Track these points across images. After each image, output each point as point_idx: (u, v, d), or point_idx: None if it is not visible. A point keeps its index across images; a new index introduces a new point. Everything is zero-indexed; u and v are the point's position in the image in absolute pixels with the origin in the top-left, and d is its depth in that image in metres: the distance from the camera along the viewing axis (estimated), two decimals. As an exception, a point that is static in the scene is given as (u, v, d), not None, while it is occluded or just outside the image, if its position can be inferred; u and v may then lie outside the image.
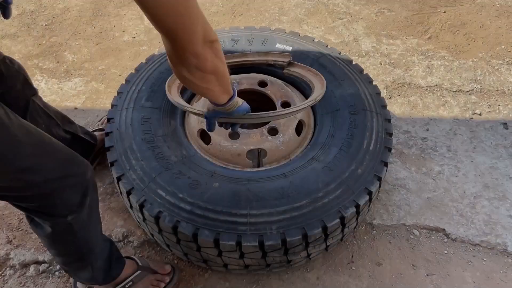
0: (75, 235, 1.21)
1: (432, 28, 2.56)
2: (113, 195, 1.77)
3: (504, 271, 1.58)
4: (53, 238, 1.21)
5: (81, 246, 1.26)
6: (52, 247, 1.26)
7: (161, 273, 1.51)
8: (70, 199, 1.15)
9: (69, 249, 1.26)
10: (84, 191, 1.17)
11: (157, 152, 1.44)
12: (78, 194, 1.16)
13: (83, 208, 1.18)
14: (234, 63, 1.73)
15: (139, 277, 1.46)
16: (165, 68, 1.68)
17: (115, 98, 1.62)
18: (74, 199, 1.15)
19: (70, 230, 1.18)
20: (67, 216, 1.15)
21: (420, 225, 1.70)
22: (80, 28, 2.58)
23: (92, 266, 1.32)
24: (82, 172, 1.17)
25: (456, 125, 2.05)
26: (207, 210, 1.32)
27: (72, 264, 1.32)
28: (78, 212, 1.17)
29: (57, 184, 1.09)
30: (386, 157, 1.48)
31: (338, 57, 1.77)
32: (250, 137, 1.52)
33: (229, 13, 2.69)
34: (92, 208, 1.24)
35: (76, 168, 1.16)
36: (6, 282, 1.55)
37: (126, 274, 1.44)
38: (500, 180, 1.83)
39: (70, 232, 1.19)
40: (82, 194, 1.17)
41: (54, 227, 1.16)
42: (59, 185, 1.10)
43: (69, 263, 1.32)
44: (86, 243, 1.27)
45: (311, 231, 1.30)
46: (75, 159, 1.17)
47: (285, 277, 1.57)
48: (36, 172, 1.05)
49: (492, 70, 2.30)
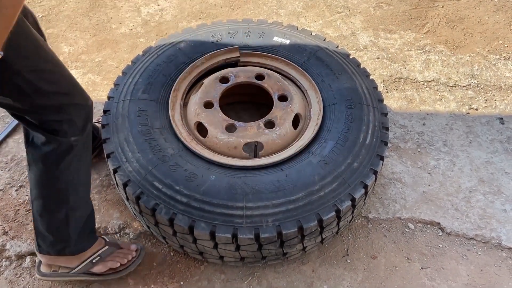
0: (69, 164, 1.27)
1: (430, 22, 2.55)
2: (109, 187, 1.77)
3: (498, 265, 1.59)
4: (45, 167, 1.25)
5: (67, 186, 1.30)
6: (39, 183, 1.29)
7: (126, 250, 1.55)
8: (75, 120, 1.23)
9: (54, 188, 1.30)
10: (86, 116, 1.26)
11: (153, 145, 1.44)
12: (82, 117, 1.25)
13: (84, 132, 1.27)
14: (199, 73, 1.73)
15: (106, 252, 1.49)
16: (162, 61, 1.68)
17: (112, 90, 1.61)
18: (78, 122, 1.24)
19: (69, 153, 1.25)
20: (71, 137, 1.23)
21: (415, 219, 1.71)
22: (77, 20, 2.56)
23: (68, 220, 1.35)
24: (85, 98, 1.26)
25: (452, 119, 2.05)
26: (203, 203, 1.32)
27: (49, 215, 1.34)
28: (80, 135, 1.26)
29: (66, 100, 1.18)
30: (382, 151, 1.49)
31: (336, 51, 1.77)
32: (246, 130, 1.52)
33: (227, 6, 2.68)
34: (89, 138, 1.33)
35: (82, 92, 1.26)
36: (2, 273, 1.55)
37: (94, 249, 1.48)
38: (495, 174, 1.84)
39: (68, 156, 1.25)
40: (85, 118, 1.26)
41: (56, 147, 1.22)
42: (67, 101, 1.19)
43: (47, 211, 1.33)
44: (72, 184, 1.32)
45: (306, 224, 1.31)
46: (79, 85, 1.27)
47: (280, 269, 1.58)
48: (50, 80, 1.14)
49: (489, 65, 2.30)
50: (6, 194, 1.75)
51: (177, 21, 2.57)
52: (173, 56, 1.69)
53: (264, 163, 1.44)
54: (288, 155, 1.46)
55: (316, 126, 1.54)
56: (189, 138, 1.51)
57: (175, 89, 1.60)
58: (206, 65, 1.72)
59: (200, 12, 2.64)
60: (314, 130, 1.53)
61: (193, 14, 2.62)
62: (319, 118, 1.57)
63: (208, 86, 1.63)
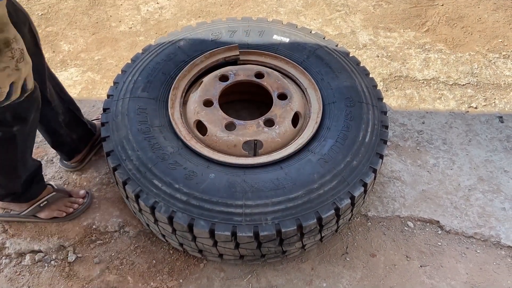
0: (16, 146, 1.34)
1: (430, 21, 2.55)
2: (109, 185, 1.77)
3: (497, 263, 1.59)
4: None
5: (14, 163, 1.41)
6: None
7: (75, 197, 1.65)
8: (19, 111, 1.25)
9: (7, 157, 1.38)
10: (31, 106, 1.28)
11: (153, 143, 1.44)
12: (25, 108, 1.27)
13: (28, 122, 1.31)
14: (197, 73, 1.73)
15: (53, 198, 1.62)
16: (161, 59, 1.68)
17: (111, 88, 1.61)
18: (23, 113, 1.27)
19: (13, 140, 1.31)
20: (13, 127, 1.27)
21: (415, 217, 1.71)
22: (77, 18, 2.56)
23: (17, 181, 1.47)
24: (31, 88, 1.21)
25: (452, 118, 2.05)
26: (202, 201, 1.32)
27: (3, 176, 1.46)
28: (23, 126, 1.30)
29: None
30: (381, 149, 1.49)
31: (335, 49, 1.77)
32: (246, 128, 1.52)
33: (226, 4, 2.68)
34: (34, 125, 1.37)
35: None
36: (1, 271, 1.55)
37: (42, 195, 1.60)
38: (494, 173, 1.85)
39: (13, 142, 1.32)
40: (29, 109, 1.28)
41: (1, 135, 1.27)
42: None
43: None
44: (20, 160, 1.40)
45: (306, 222, 1.31)
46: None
47: (280, 267, 1.58)
48: None
49: (488, 63, 2.30)
50: (6, 192, 1.75)
51: (176, 19, 2.57)
52: (173, 54, 1.69)
53: (263, 161, 1.44)
54: (287, 153, 1.46)
55: (315, 125, 1.54)
56: (189, 136, 1.51)
57: (175, 88, 1.60)
58: (206, 63, 1.71)
59: (200, 10, 2.63)
60: (314, 128, 1.53)
61: (193, 12, 2.62)
62: (318, 116, 1.57)
63: (208, 84, 1.63)
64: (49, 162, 1.85)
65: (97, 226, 1.65)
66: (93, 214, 1.68)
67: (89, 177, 1.80)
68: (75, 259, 1.58)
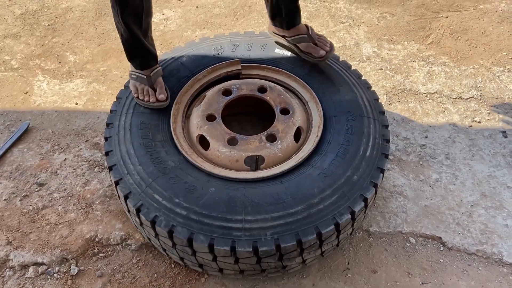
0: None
1: (434, 33, 2.55)
2: (112, 198, 1.79)
3: (499, 281, 1.58)
4: None
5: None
6: None
7: None
8: None
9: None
10: None
11: (154, 157, 1.46)
12: None
13: None
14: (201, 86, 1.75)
15: None
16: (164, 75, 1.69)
17: (114, 103, 1.64)
18: None
19: None
20: None
21: (417, 233, 1.70)
22: (83, 29, 2.60)
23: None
24: None
25: (455, 132, 2.05)
26: (202, 215, 1.33)
27: None
28: None
29: None
30: (382, 163, 1.49)
31: (337, 62, 1.78)
32: (248, 143, 1.53)
33: (231, 15, 2.70)
34: None
35: None
36: (5, 283, 1.57)
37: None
38: (497, 189, 1.83)
39: None
40: None
41: None
42: None
43: None
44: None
45: (305, 238, 1.31)
46: None
47: (281, 282, 1.58)
48: None
49: (492, 77, 2.30)
50: (11, 204, 1.77)
51: (181, 31, 2.59)
52: (175, 70, 1.71)
53: (263, 176, 1.44)
54: (287, 167, 1.46)
55: (316, 138, 1.54)
56: (190, 151, 1.52)
57: (177, 102, 1.62)
58: (208, 78, 1.73)
59: (205, 22, 2.66)
60: (314, 142, 1.53)
61: (198, 24, 2.64)
62: (319, 130, 1.57)
63: (211, 99, 1.65)
64: (53, 174, 1.87)
65: (99, 239, 1.66)
66: (96, 226, 1.70)
67: (92, 189, 1.81)
68: (78, 272, 1.59)
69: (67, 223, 1.71)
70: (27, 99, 2.20)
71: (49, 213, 1.74)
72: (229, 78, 1.76)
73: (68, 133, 2.03)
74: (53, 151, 1.96)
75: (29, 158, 1.93)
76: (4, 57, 2.41)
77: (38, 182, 1.84)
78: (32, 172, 1.87)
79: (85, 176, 1.86)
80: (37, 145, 1.98)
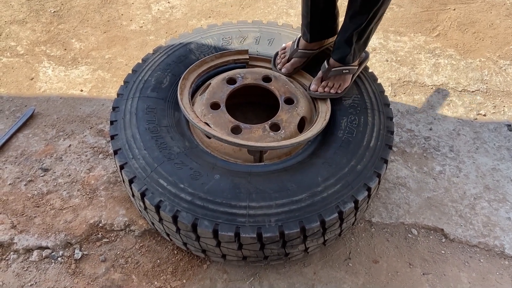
0: None
1: (441, 25, 2.54)
2: (116, 184, 1.79)
3: (500, 273, 1.59)
4: None
5: None
6: None
7: None
8: None
9: None
10: None
11: (160, 142, 1.46)
12: None
13: None
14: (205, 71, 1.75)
15: None
16: (172, 60, 1.70)
17: (121, 87, 1.63)
18: None
19: None
20: None
21: (419, 224, 1.71)
22: (88, 16, 2.59)
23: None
24: None
25: (460, 125, 2.04)
26: (207, 201, 1.33)
27: None
28: None
29: None
30: (386, 154, 1.49)
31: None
32: (252, 132, 1.53)
33: (237, 5, 2.69)
34: None
35: None
36: (9, 266, 1.58)
37: None
38: (501, 182, 1.83)
39: None
40: None
41: None
42: None
43: None
44: None
45: (309, 225, 1.31)
46: None
47: (282, 270, 1.59)
48: None
49: (499, 70, 2.29)
50: (15, 188, 1.78)
51: (187, 19, 2.59)
52: (184, 56, 1.71)
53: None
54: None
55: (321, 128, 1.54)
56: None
57: (184, 78, 1.62)
58: (216, 62, 1.73)
59: (210, 11, 2.65)
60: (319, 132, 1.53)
61: (203, 12, 2.63)
62: (325, 120, 1.57)
63: (215, 87, 1.65)
64: (58, 159, 1.88)
65: (103, 224, 1.67)
66: (100, 212, 1.71)
67: (96, 176, 1.82)
68: (81, 256, 1.60)
69: (72, 208, 1.72)
70: (32, 85, 2.20)
71: (54, 198, 1.75)
72: (235, 67, 1.76)
73: (73, 120, 2.04)
74: (58, 137, 1.97)
75: (34, 144, 1.93)
76: (10, 43, 2.41)
77: (43, 167, 1.84)
78: (37, 158, 1.88)
79: (90, 162, 1.87)
80: (42, 131, 1.99)
